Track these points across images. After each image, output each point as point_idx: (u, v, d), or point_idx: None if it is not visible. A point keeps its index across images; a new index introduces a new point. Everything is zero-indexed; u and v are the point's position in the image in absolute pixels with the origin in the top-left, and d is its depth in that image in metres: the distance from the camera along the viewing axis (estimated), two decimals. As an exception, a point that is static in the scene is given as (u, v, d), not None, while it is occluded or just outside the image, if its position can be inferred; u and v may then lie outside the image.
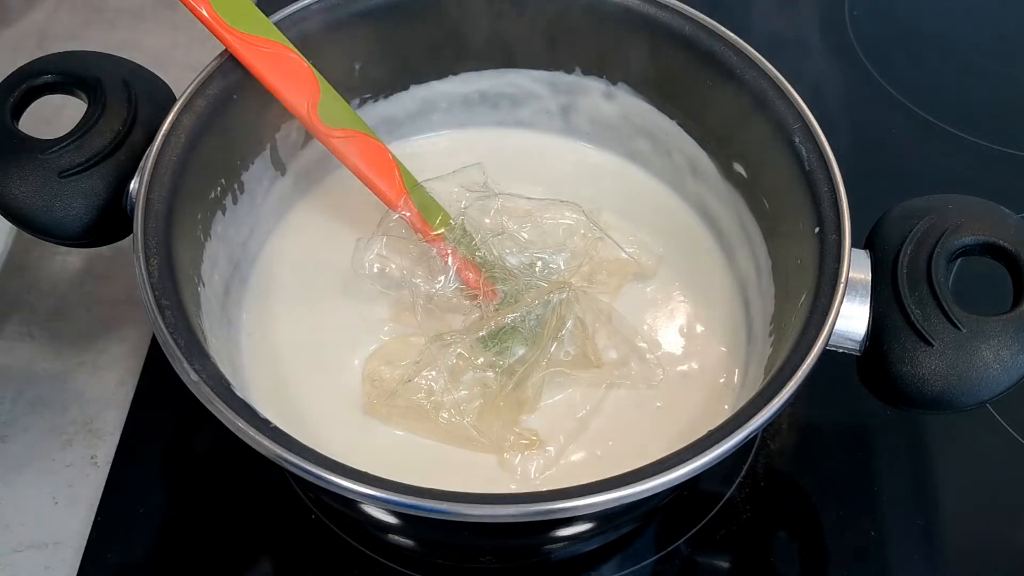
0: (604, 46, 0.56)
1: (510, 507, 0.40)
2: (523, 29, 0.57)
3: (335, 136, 0.51)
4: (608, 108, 0.59)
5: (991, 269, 0.47)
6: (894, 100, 0.75)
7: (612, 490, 0.39)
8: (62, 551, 0.54)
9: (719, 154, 0.56)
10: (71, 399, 0.59)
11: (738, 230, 0.56)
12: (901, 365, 0.45)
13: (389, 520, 0.49)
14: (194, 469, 0.57)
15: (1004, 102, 0.76)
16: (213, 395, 0.41)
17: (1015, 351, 0.45)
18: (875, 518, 0.56)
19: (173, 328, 0.43)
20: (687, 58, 0.54)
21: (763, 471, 0.57)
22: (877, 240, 0.48)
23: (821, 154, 0.49)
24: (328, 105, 0.51)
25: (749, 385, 0.51)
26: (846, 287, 0.45)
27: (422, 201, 0.53)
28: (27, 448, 0.58)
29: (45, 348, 0.61)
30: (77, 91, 0.51)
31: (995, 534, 0.57)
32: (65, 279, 0.64)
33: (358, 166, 0.52)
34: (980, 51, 0.79)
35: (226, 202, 0.53)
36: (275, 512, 0.55)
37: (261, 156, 0.55)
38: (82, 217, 0.49)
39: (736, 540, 0.55)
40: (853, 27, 0.80)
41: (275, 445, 0.40)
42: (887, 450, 0.58)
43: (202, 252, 0.51)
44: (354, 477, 0.40)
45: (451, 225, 0.53)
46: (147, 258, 0.45)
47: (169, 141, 0.48)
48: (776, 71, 0.51)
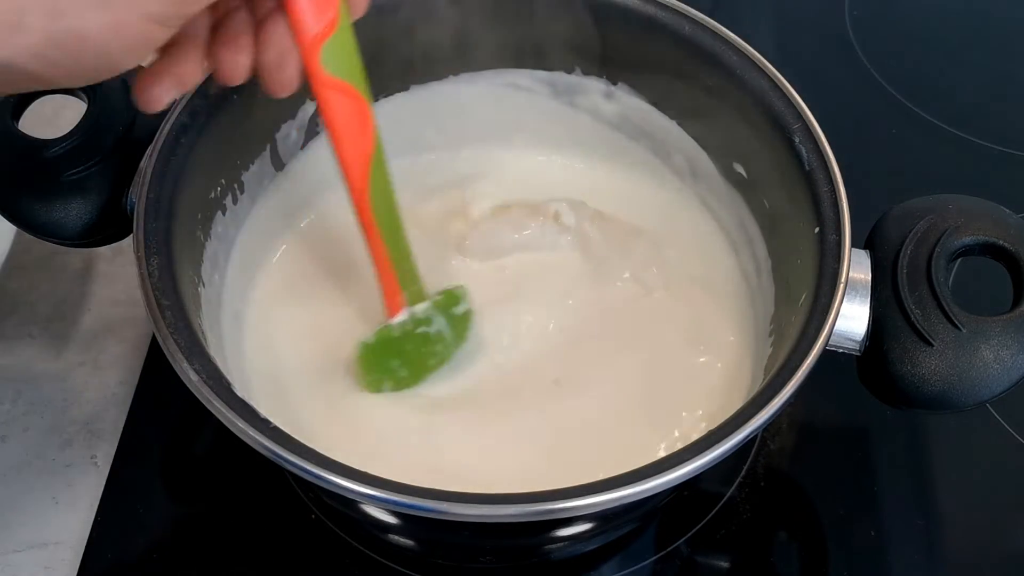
0: (604, 46, 0.56)
1: (510, 507, 0.40)
2: (523, 29, 0.57)
3: (328, 85, 0.44)
4: (608, 108, 0.59)
5: (991, 269, 0.47)
6: (894, 100, 0.75)
7: (612, 490, 0.39)
8: (62, 551, 0.54)
9: (719, 154, 0.56)
10: (71, 399, 0.59)
11: (738, 230, 0.56)
12: (901, 365, 0.45)
13: (389, 520, 0.49)
14: (194, 469, 0.57)
15: (1004, 102, 0.76)
16: (213, 395, 0.41)
17: (1015, 351, 0.45)
18: (875, 518, 0.56)
19: (173, 328, 0.43)
20: (687, 58, 0.54)
21: (763, 471, 0.57)
22: (877, 240, 0.48)
23: (821, 154, 0.49)
24: (337, 46, 0.43)
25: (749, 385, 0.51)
26: (846, 287, 0.45)
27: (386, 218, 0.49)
28: (27, 448, 0.58)
29: (45, 348, 0.61)
30: (77, 91, 0.51)
31: (995, 534, 0.57)
32: (65, 279, 0.64)
33: (336, 133, 0.45)
34: (980, 51, 0.79)
35: (226, 202, 0.53)
36: (275, 512, 0.55)
37: (261, 156, 0.55)
38: (82, 217, 0.49)
39: (736, 540, 0.55)
40: (853, 27, 0.80)
41: (275, 445, 0.40)
42: (887, 450, 0.58)
43: (202, 252, 0.51)
44: (354, 477, 0.40)
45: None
46: (147, 258, 0.45)
47: (169, 141, 0.48)
48: (776, 71, 0.51)
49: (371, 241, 0.49)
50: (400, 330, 0.51)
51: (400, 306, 0.51)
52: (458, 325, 0.52)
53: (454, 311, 0.52)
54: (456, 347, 0.53)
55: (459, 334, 0.52)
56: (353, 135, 0.46)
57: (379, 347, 0.51)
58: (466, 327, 0.53)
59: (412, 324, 0.51)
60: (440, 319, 0.52)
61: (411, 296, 0.51)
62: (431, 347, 0.52)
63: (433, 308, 0.51)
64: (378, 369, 0.51)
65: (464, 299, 0.52)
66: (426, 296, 0.52)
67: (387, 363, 0.51)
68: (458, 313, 0.52)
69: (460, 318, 0.52)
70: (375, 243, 0.49)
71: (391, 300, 0.51)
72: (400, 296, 0.51)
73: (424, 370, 0.52)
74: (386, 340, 0.51)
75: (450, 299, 0.52)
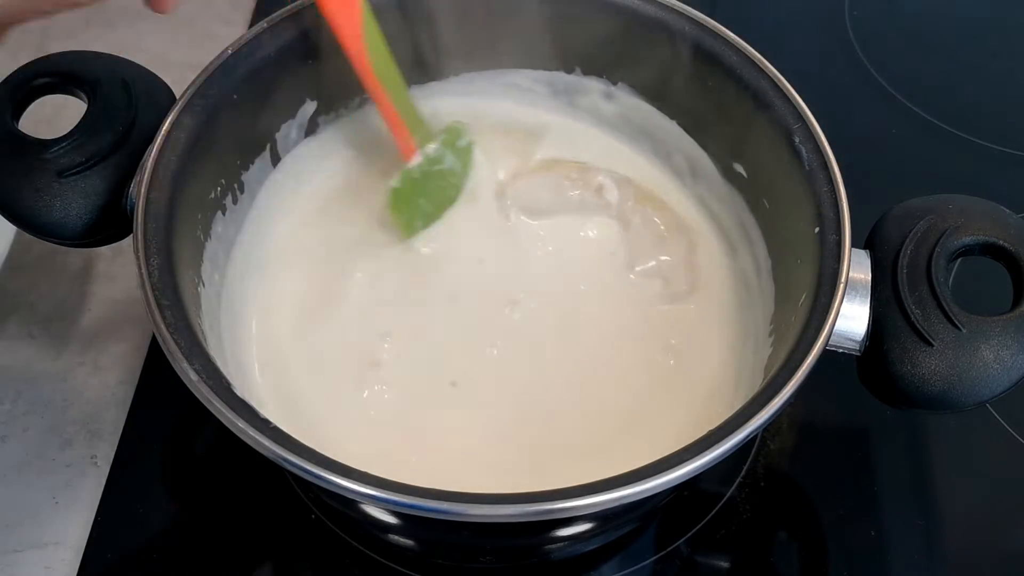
0: (604, 46, 0.56)
1: (510, 507, 0.40)
2: (523, 29, 0.57)
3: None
4: (608, 108, 0.59)
5: (991, 269, 0.47)
6: (894, 100, 0.75)
7: (612, 490, 0.39)
8: (62, 551, 0.54)
9: (719, 154, 0.56)
10: (71, 399, 0.59)
11: (738, 230, 0.56)
12: (901, 365, 0.45)
13: (389, 520, 0.49)
14: (194, 469, 0.57)
15: (1004, 102, 0.76)
16: (213, 395, 0.41)
17: (1015, 351, 0.45)
18: (875, 518, 0.56)
19: (173, 328, 0.43)
20: (687, 58, 0.54)
21: (763, 471, 0.57)
22: (877, 240, 0.48)
23: (821, 154, 0.49)
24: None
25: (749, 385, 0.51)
26: (846, 287, 0.45)
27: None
28: (27, 448, 0.58)
29: (45, 348, 0.61)
30: (77, 91, 0.51)
31: (995, 534, 0.57)
32: (65, 279, 0.64)
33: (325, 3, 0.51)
34: (980, 51, 0.79)
35: (226, 202, 0.53)
36: (275, 512, 0.55)
37: (261, 156, 0.55)
38: (82, 217, 0.49)
39: (736, 540, 0.55)
40: (853, 27, 0.80)
41: (275, 445, 0.40)
42: (887, 450, 0.58)
43: (202, 252, 0.51)
44: (354, 477, 0.40)
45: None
46: (147, 258, 0.45)
47: (169, 141, 0.48)
48: (776, 71, 0.51)
49: (377, 98, 0.54)
50: (419, 171, 0.56)
51: (414, 149, 0.56)
52: (463, 157, 0.58)
53: (458, 144, 0.57)
54: (465, 176, 0.58)
55: (464, 165, 0.58)
56: (342, 3, 0.51)
57: (406, 189, 0.56)
58: (469, 158, 0.58)
59: (428, 163, 0.56)
60: (449, 155, 0.57)
61: (420, 139, 0.56)
62: (447, 180, 0.57)
63: (442, 146, 0.57)
64: (408, 209, 0.56)
65: (464, 132, 0.57)
66: (432, 137, 0.57)
67: (415, 202, 0.56)
68: (462, 146, 0.57)
69: (464, 151, 0.58)
70: (381, 99, 0.54)
71: (405, 146, 0.56)
72: (411, 140, 0.56)
73: (446, 201, 0.57)
74: (410, 181, 0.56)
75: (453, 134, 0.57)
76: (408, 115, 0.56)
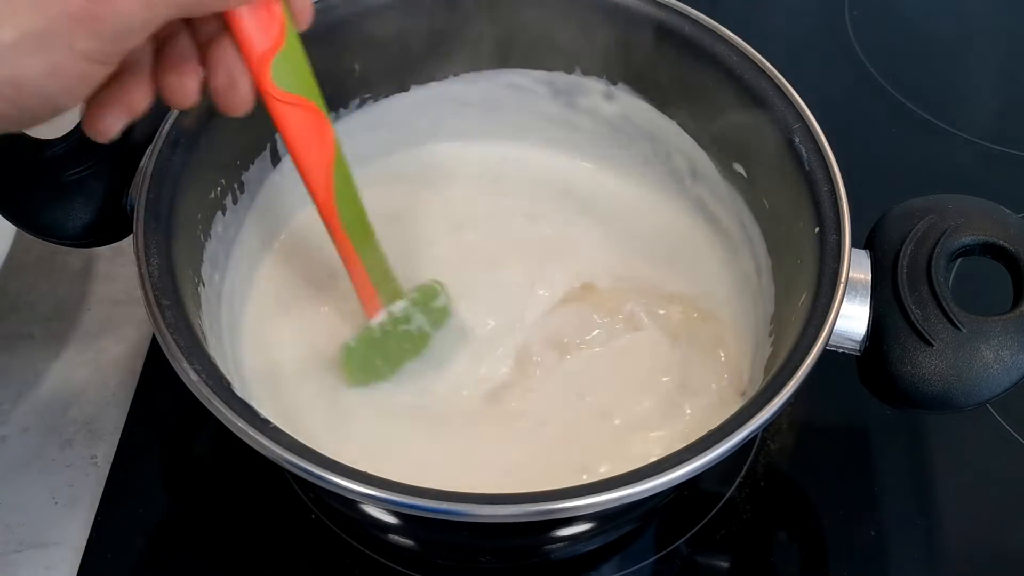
0: (604, 46, 0.56)
1: (510, 507, 0.40)
2: (523, 29, 0.57)
3: (282, 100, 0.43)
4: (608, 108, 0.59)
5: (991, 269, 0.47)
6: (894, 100, 0.75)
7: (612, 490, 0.39)
8: (62, 551, 0.54)
9: (719, 154, 0.56)
10: (71, 399, 0.59)
11: (738, 230, 0.56)
12: (901, 365, 0.45)
13: (389, 520, 0.49)
14: (194, 469, 0.57)
15: (1004, 102, 0.76)
16: (213, 395, 0.41)
17: (1015, 351, 0.45)
18: (875, 518, 0.56)
19: (173, 328, 0.43)
20: (687, 58, 0.54)
21: (763, 471, 0.57)
22: (877, 240, 0.48)
23: (821, 154, 0.49)
24: (287, 61, 0.42)
25: (749, 385, 0.51)
26: (846, 287, 0.45)
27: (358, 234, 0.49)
28: (27, 448, 0.57)
29: (45, 348, 0.61)
30: (77, 91, 0.51)
31: (995, 534, 0.57)
32: (65, 279, 0.64)
33: (294, 146, 0.45)
34: (980, 51, 0.79)
35: (226, 202, 0.53)
36: (275, 512, 0.55)
37: (261, 156, 0.55)
38: (82, 217, 0.49)
39: (736, 540, 0.55)
40: (853, 27, 0.80)
41: (275, 445, 0.40)
42: (887, 450, 0.58)
43: (202, 252, 0.51)
44: (354, 477, 0.40)
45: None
46: (147, 258, 0.45)
47: (169, 141, 0.48)
48: (776, 71, 0.51)
49: (341, 247, 0.49)
50: (380, 331, 0.52)
51: (378, 307, 0.52)
52: (436, 317, 0.53)
53: (432, 305, 0.53)
54: (434, 335, 0.53)
55: (437, 325, 0.53)
56: (312, 146, 0.46)
57: (361, 349, 0.52)
58: (444, 319, 0.53)
59: (392, 324, 0.52)
60: (419, 316, 0.52)
61: (388, 296, 0.52)
62: (412, 344, 0.53)
63: (411, 305, 0.52)
64: (362, 369, 0.52)
65: (441, 294, 0.53)
66: (403, 294, 0.52)
67: (371, 363, 0.52)
68: (437, 306, 0.53)
69: (439, 311, 0.53)
70: (345, 249, 0.49)
71: (368, 302, 0.52)
72: (376, 298, 0.52)
73: (405, 358, 0.53)
74: (368, 341, 0.52)
75: (427, 294, 0.53)
76: (376, 270, 0.51)
